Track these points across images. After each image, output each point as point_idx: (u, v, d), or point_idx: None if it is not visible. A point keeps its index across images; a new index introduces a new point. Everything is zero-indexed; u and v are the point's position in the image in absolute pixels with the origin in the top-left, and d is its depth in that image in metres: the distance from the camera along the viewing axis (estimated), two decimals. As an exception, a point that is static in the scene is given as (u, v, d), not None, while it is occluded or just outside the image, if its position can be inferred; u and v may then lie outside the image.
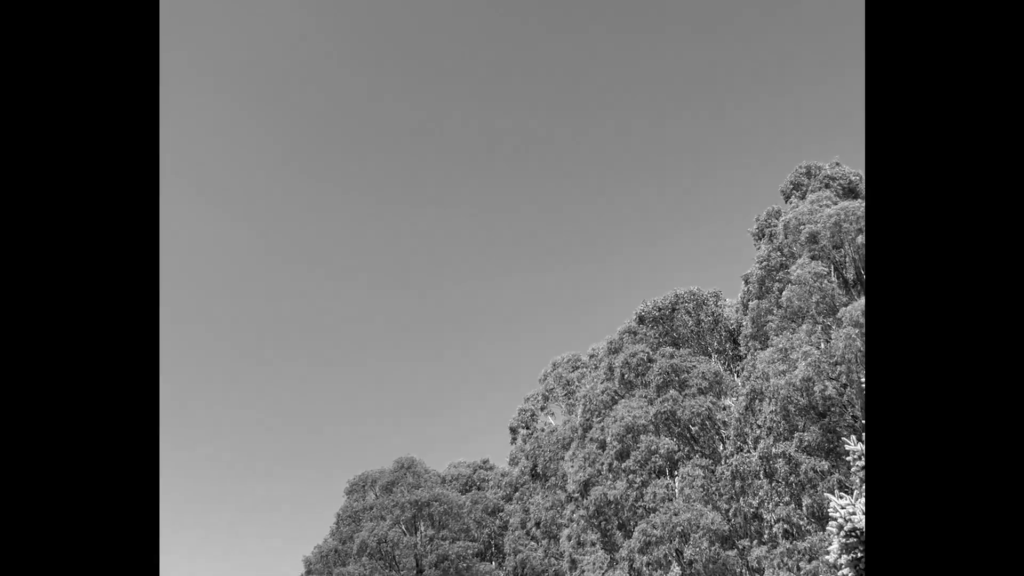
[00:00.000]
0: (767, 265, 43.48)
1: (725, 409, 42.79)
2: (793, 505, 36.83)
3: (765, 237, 45.72)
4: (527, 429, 62.89)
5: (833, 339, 35.93)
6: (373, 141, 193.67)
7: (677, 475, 41.08)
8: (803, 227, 40.65)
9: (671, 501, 39.55)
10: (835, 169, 45.49)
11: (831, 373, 35.82)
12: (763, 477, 38.34)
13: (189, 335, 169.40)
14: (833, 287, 39.07)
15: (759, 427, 39.08)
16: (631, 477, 41.54)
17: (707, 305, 48.29)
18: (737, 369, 46.16)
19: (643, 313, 48.77)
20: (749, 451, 39.69)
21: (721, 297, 49.16)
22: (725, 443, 42.01)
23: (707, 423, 42.66)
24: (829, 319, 37.97)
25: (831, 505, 17.05)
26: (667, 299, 48.58)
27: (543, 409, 62.43)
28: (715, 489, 39.49)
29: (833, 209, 39.95)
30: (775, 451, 37.05)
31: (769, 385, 37.57)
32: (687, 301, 48.25)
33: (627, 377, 45.56)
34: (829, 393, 35.53)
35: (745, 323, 44.39)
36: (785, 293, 40.10)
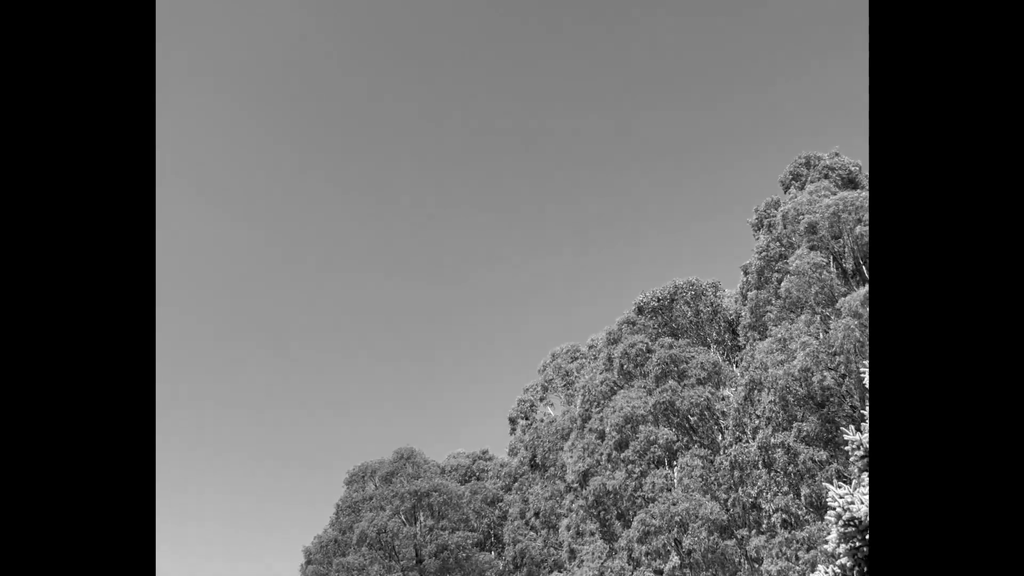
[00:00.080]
0: (766, 255, 43.51)
1: (724, 399, 42.88)
2: (791, 495, 36.95)
3: (764, 228, 45.74)
4: (526, 420, 63.02)
5: (832, 329, 35.98)
6: (371, 135, 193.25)
7: (676, 465, 41.19)
8: (802, 217, 40.65)
9: (670, 491, 39.67)
10: (834, 159, 45.46)
11: (829, 363, 35.89)
12: (762, 467, 38.46)
13: (188, 327, 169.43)
14: (832, 277, 39.11)
15: (758, 417, 39.17)
16: (630, 467, 41.65)
17: (706, 296, 48.33)
18: (736, 359, 46.24)
19: (642, 304, 48.80)
20: (748, 441, 39.79)
21: (720, 288, 49.19)
22: (724, 433, 42.11)
23: (706, 413, 42.75)
24: (828, 309, 38.02)
25: (829, 494, 17.10)
26: (666, 290, 48.61)
27: (542, 400, 62.55)
28: (714, 479, 39.61)
29: (832, 199, 39.95)
30: (774, 441, 37.15)
31: (768, 375, 37.64)
32: (686, 292, 48.27)
33: (626, 368, 45.64)
34: (827, 383, 35.61)
35: (744, 313, 44.45)
36: (784, 284, 40.14)
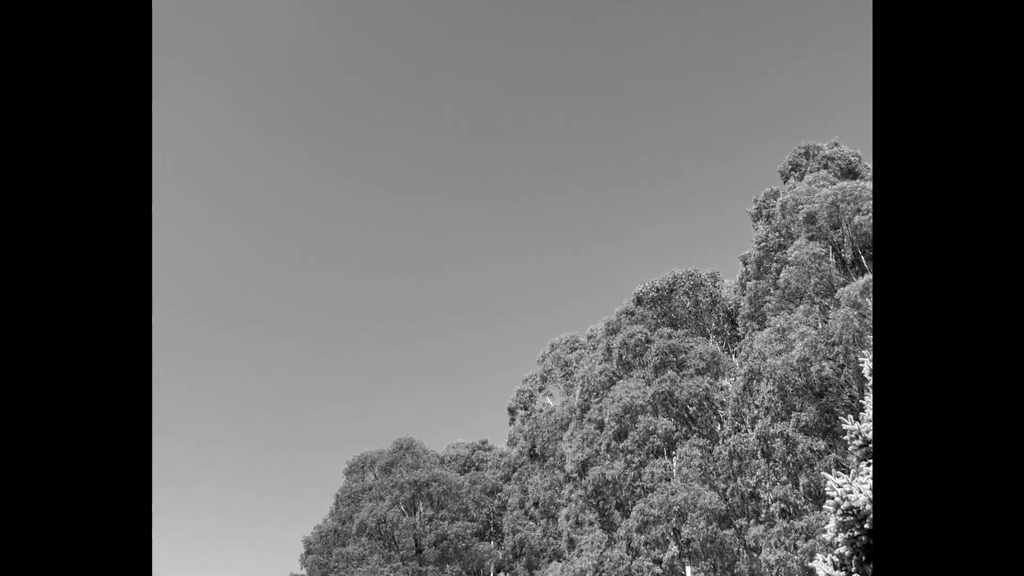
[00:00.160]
0: (765, 246, 43.51)
1: (723, 389, 42.95)
2: (790, 484, 37.05)
3: (763, 218, 45.72)
4: (525, 410, 63.11)
5: (830, 319, 36.01)
6: (371, 129, 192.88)
7: (675, 455, 41.29)
8: (801, 207, 40.62)
9: (669, 481, 39.78)
10: (834, 149, 45.36)
11: (828, 353, 35.93)
12: (760, 457, 38.55)
13: (187, 321, 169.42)
14: (830, 267, 39.12)
15: (756, 407, 39.24)
16: (629, 457, 41.74)
17: (705, 286, 48.34)
18: (735, 350, 46.29)
19: (641, 294, 48.81)
20: (746, 431, 39.87)
21: (719, 278, 49.19)
22: (723, 423, 42.19)
23: (705, 403, 42.83)
24: (827, 299, 38.05)
25: (828, 484, 17.13)
26: (665, 280, 48.60)
27: (541, 390, 62.62)
28: (712, 469, 39.72)
29: (831, 189, 39.91)
30: (772, 431, 37.22)
31: (766, 365, 37.69)
32: (685, 282, 48.27)
33: (625, 358, 45.69)
34: (826, 373, 35.66)
35: (743, 303, 44.47)
36: (783, 274, 40.15)
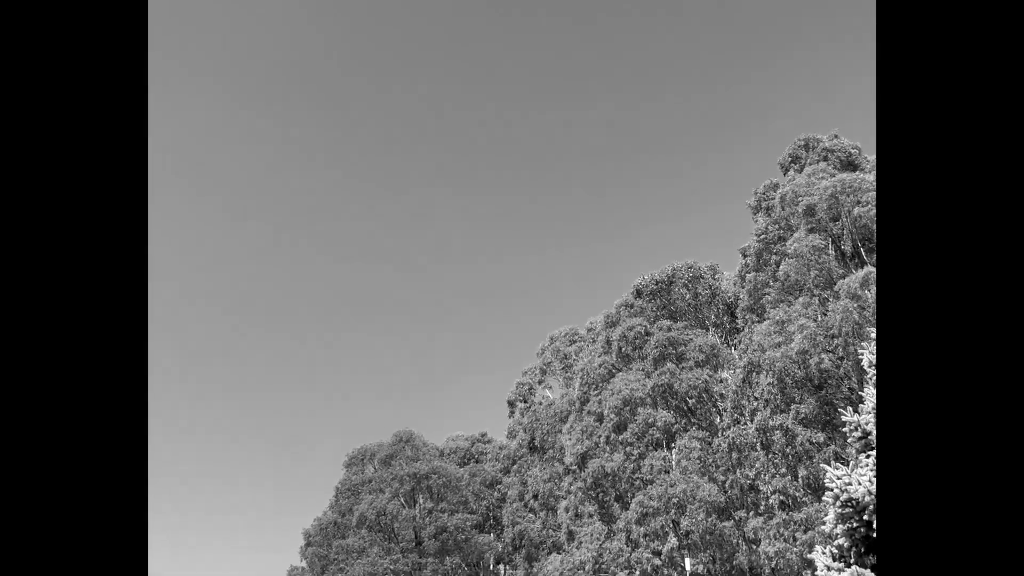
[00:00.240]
0: (765, 238, 43.47)
1: (722, 382, 42.95)
2: (789, 476, 37.08)
3: (763, 210, 45.65)
4: (525, 403, 63.12)
5: (830, 312, 35.99)
6: (375, 127, 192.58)
7: (674, 447, 41.31)
8: (800, 199, 40.56)
9: (668, 473, 39.80)
10: (833, 142, 45.26)
11: (827, 346, 35.92)
12: (760, 449, 38.57)
13: (186, 314, 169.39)
14: (830, 260, 39.09)
15: (756, 399, 39.24)
16: (628, 449, 41.76)
17: (704, 278, 48.30)
18: (734, 342, 46.30)
19: (640, 286, 48.76)
20: (746, 423, 39.88)
21: (718, 270, 49.15)
22: (722, 415, 42.21)
23: (704, 395, 42.84)
24: (826, 292, 38.03)
25: (827, 476, 17.12)
26: (664, 272, 48.54)
27: (541, 383, 62.62)
28: (712, 461, 39.74)
29: (830, 181, 39.82)
30: (772, 423, 37.22)
31: (766, 358, 37.68)
32: (684, 274, 48.23)
33: (624, 350, 45.67)
34: (825, 366, 35.65)
35: (742, 296, 44.45)
36: (782, 266, 40.11)
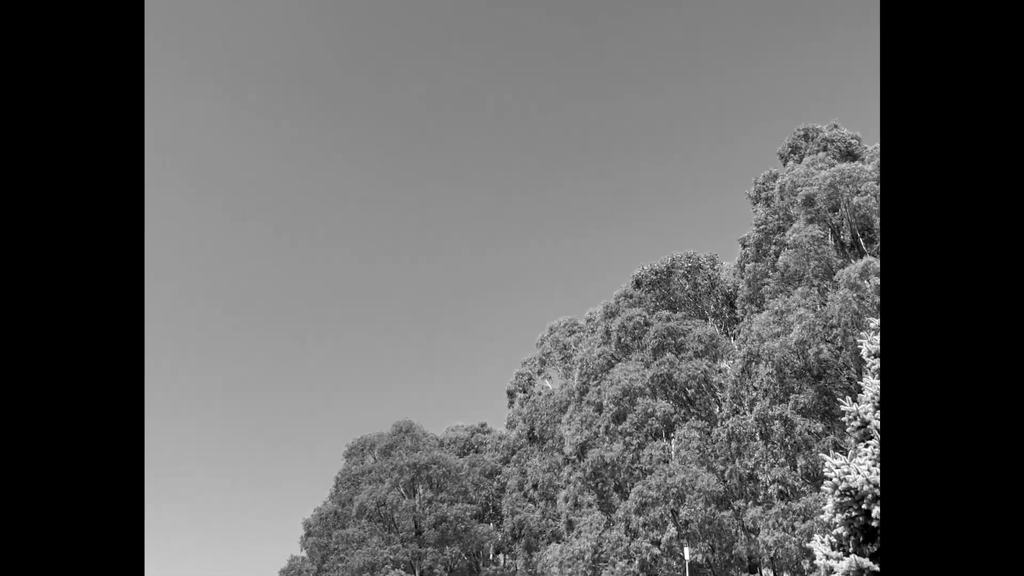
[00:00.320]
0: (764, 228, 43.43)
1: (721, 372, 42.98)
2: (788, 466, 37.15)
3: (762, 201, 45.59)
4: (524, 393, 63.16)
5: (829, 302, 36.00)
6: (374, 118, 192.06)
7: (673, 437, 41.36)
8: (799, 189, 40.49)
9: (667, 463, 39.86)
10: (833, 131, 45.17)
11: (826, 336, 35.93)
12: (759, 439, 38.64)
13: (189, 306, 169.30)
14: (829, 250, 39.06)
15: (755, 389, 39.28)
16: (628, 439, 41.81)
17: (704, 269, 48.29)
18: (733, 332, 46.30)
19: (640, 277, 48.75)
20: (745, 413, 39.94)
21: (718, 261, 49.14)
22: (721, 405, 42.26)
23: (703, 386, 42.89)
24: (825, 282, 38.01)
25: (826, 465, 17.14)
26: (664, 263, 48.52)
27: (540, 373, 62.65)
28: (711, 451, 39.80)
29: (829, 171, 39.76)
30: (771, 413, 37.27)
31: (765, 348, 37.70)
32: (684, 265, 48.22)
33: (624, 341, 45.68)
34: (824, 356, 35.67)
35: (742, 286, 44.43)
36: (782, 257, 40.08)
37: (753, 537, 37.76)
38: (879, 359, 18.71)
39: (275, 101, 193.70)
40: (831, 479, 16.86)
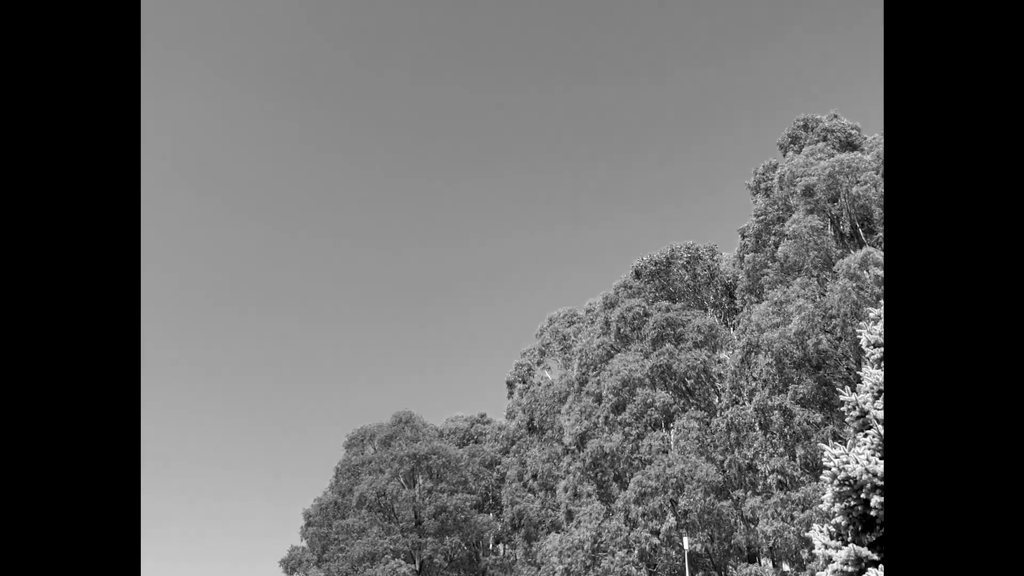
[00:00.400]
0: (764, 219, 43.39)
1: (720, 362, 43.02)
2: (787, 456, 37.24)
3: (762, 191, 45.54)
4: (524, 383, 63.22)
5: (828, 292, 36.00)
6: (374, 107, 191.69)
7: (672, 427, 41.43)
8: (799, 180, 40.44)
9: (666, 453, 39.94)
10: (833, 122, 45.08)
11: (825, 326, 35.94)
12: (758, 429, 38.71)
13: (188, 296, 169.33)
14: (828, 240, 39.04)
15: (754, 380, 39.34)
16: (627, 429, 41.89)
17: (703, 259, 48.27)
18: (733, 323, 46.33)
19: (639, 267, 48.73)
20: (744, 403, 40.00)
21: (717, 251, 49.11)
22: (720, 396, 42.32)
23: (702, 376, 42.94)
24: (825, 272, 38.01)
25: (825, 455, 17.18)
26: (663, 253, 48.50)
27: (540, 363, 62.71)
28: (710, 441, 39.87)
29: (828, 162, 39.70)
30: (770, 403, 37.33)
31: (764, 338, 37.73)
32: (683, 255, 48.19)
33: (623, 331, 45.72)
34: (823, 346, 35.69)
35: (741, 277, 44.42)
36: (781, 247, 40.05)
37: (752, 527, 37.88)
38: (880, 349, 18.74)
39: (273, 92, 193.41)
40: (830, 469, 16.89)
